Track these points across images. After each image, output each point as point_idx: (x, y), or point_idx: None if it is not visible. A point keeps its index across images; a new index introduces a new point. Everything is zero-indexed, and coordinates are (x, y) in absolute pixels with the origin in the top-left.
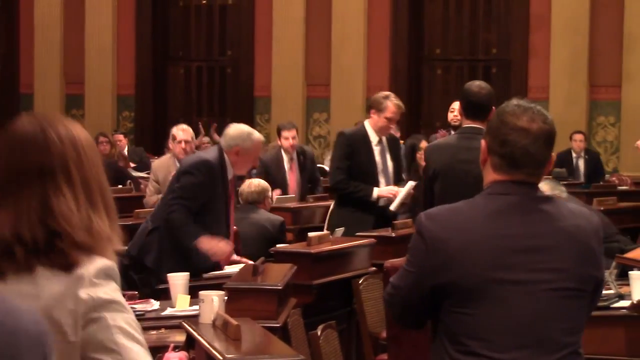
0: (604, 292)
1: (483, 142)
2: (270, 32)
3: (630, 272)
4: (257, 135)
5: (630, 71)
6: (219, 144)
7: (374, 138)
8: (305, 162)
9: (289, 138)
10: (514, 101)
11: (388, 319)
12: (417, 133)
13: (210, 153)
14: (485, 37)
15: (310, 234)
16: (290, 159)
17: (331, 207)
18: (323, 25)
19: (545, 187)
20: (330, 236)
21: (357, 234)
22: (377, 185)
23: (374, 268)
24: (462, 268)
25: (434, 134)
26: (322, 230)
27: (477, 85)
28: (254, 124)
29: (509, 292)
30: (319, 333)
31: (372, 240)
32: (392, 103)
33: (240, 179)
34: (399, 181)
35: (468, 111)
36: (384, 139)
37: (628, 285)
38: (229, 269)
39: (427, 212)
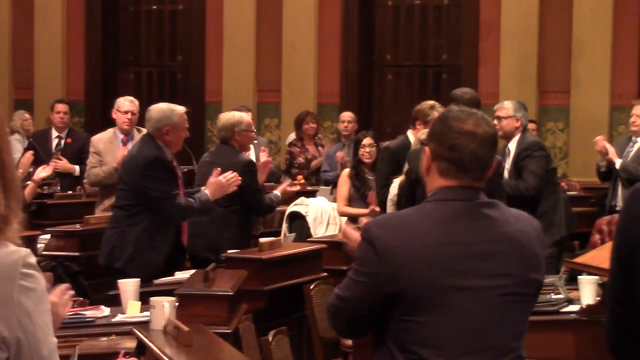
0: (553, 296)
1: (427, 149)
2: (221, 37)
3: (579, 277)
4: (178, 108)
5: (579, 77)
6: (147, 134)
7: None
8: None
9: None
10: (455, 107)
11: None
12: None
13: (145, 147)
14: (435, 43)
15: (262, 240)
16: None
17: None
18: (274, 31)
19: (509, 105)
20: (282, 242)
21: (308, 239)
22: None
23: (325, 273)
24: (413, 276)
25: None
26: (280, 235)
27: (461, 90)
28: (205, 130)
29: (459, 299)
30: (270, 339)
31: (323, 245)
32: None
33: None
34: None
35: None
36: None
37: (577, 290)
38: (180, 275)
39: (375, 220)
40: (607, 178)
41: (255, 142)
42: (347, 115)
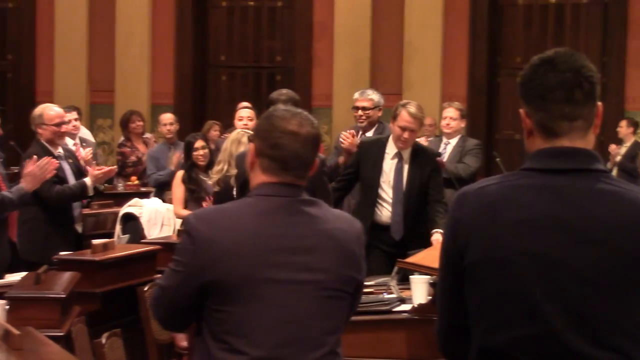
0: (386, 296)
1: (251, 145)
2: (52, 36)
3: (411, 277)
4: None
5: (411, 80)
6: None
7: (390, 150)
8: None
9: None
10: (282, 106)
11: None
12: None
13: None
14: (269, 45)
15: (95, 242)
16: None
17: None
18: (107, 31)
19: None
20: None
21: (142, 241)
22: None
23: (159, 275)
24: (227, 267)
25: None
26: (113, 237)
27: (278, 92)
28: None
29: (271, 291)
30: (103, 341)
31: (157, 247)
32: (406, 111)
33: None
34: (415, 204)
35: None
36: (406, 154)
37: (409, 289)
38: (11, 278)
39: (195, 212)
40: None
41: (84, 144)
42: (168, 118)
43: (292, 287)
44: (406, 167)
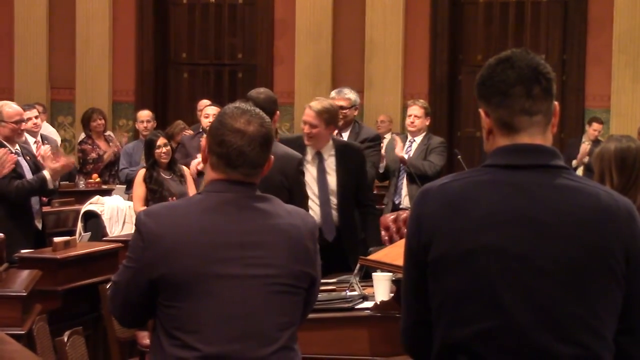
0: (349, 293)
1: (203, 141)
2: (11, 32)
3: (373, 274)
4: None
5: (372, 77)
6: None
7: (309, 148)
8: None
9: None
10: (236, 104)
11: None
12: None
13: None
14: (230, 42)
15: (56, 239)
16: None
17: None
18: (67, 27)
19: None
20: (78, 241)
21: (104, 238)
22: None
23: None
24: (175, 262)
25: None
26: (75, 234)
27: (256, 91)
28: None
29: (221, 286)
30: (65, 339)
31: (119, 244)
32: (307, 106)
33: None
34: (348, 204)
35: None
36: (327, 152)
37: (372, 286)
38: None
39: (146, 209)
40: (385, 178)
41: (45, 141)
42: (145, 115)
43: (242, 282)
44: (333, 167)
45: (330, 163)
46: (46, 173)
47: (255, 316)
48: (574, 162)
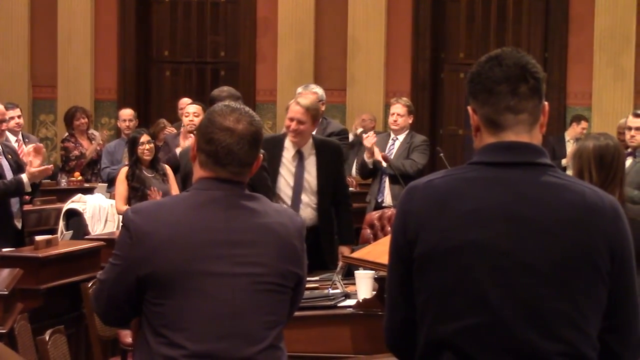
0: (331, 291)
1: (192, 139)
2: None
3: (356, 272)
4: None
5: (355, 76)
6: None
7: (289, 146)
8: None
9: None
10: (225, 102)
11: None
12: None
13: None
14: (213, 40)
15: (37, 238)
16: None
17: None
18: (49, 25)
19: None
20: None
21: (86, 237)
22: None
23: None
24: (163, 260)
25: None
26: (57, 233)
27: (219, 90)
28: None
29: (209, 284)
30: (47, 338)
31: (101, 243)
32: (294, 102)
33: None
34: (328, 202)
35: None
36: (307, 150)
37: (354, 284)
38: None
39: (133, 206)
40: (371, 175)
41: (27, 140)
42: (127, 114)
43: (230, 280)
44: (314, 165)
45: (311, 161)
46: (24, 176)
47: (242, 314)
48: (564, 161)
